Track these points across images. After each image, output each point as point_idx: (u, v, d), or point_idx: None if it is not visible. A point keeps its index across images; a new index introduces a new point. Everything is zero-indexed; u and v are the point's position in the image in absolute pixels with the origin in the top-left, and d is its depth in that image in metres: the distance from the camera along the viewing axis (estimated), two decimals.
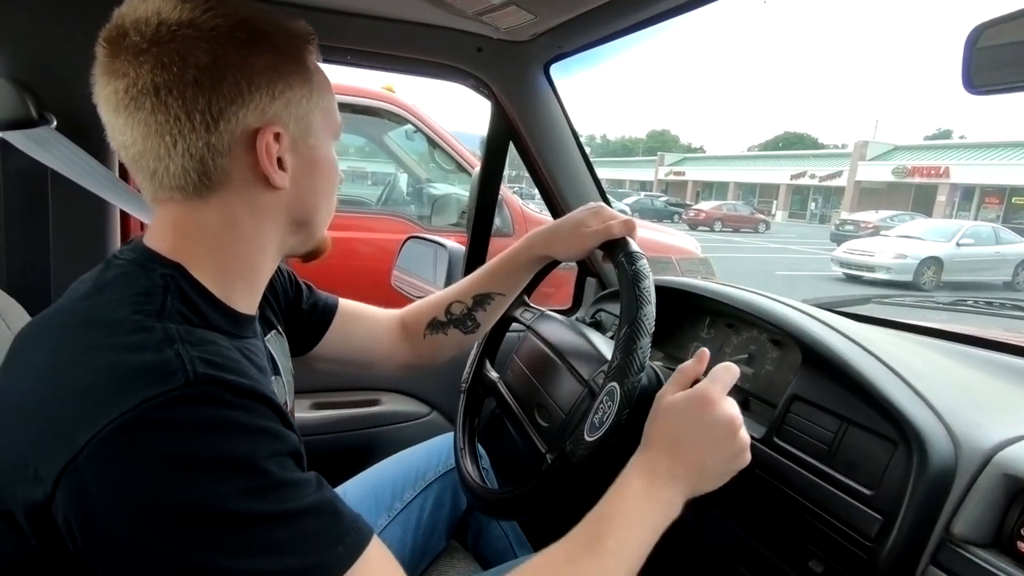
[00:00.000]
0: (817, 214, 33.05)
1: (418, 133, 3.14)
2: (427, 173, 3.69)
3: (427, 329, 0.90)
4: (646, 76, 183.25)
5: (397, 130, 3.42)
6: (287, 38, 0.54)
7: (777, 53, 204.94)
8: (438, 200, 3.26)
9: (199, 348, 0.45)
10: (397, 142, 3.60)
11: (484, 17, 0.93)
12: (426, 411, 1.30)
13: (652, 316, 0.70)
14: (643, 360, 0.67)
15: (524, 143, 1.19)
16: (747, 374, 0.98)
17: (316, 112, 0.56)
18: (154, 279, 0.50)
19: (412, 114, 3.01)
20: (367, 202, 3.97)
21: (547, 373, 0.89)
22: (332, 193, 0.61)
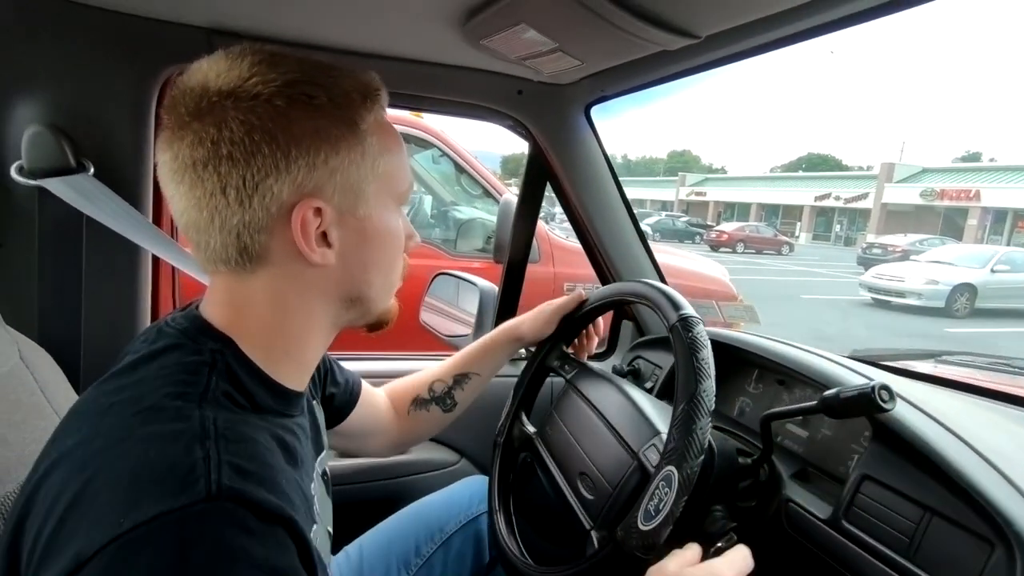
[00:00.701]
0: (842, 236, 32.53)
1: (444, 157, 3.14)
2: (451, 196, 3.69)
3: (411, 406, 0.92)
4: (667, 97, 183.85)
5: (422, 153, 3.43)
6: (335, 100, 0.49)
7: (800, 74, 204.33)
8: (464, 224, 3.24)
9: (234, 447, 0.42)
10: (422, 164, 3.61)
11: (527, 62, 0.90)
12: (455, 459, 1.25)
13: (712, 392, 0.65)
14: (703, 442, 0.62)
15: (562, 185, 1.15)
16: (801, 438, 0.92)
17: (369, 179, 0.51)
18: (203, 355, 0.48)
19: (440, 140, 3.01)
20: None
21: (591, 437, 0.84)
22: (392, 264, 0.57)
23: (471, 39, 0.85)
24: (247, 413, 0.47)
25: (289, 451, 0.49)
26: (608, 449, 0.79)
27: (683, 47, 0.75)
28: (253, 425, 0.46)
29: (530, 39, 0.81)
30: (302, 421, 0.57)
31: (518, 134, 1.14)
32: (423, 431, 0.94)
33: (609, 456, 0.78)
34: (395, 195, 0.55)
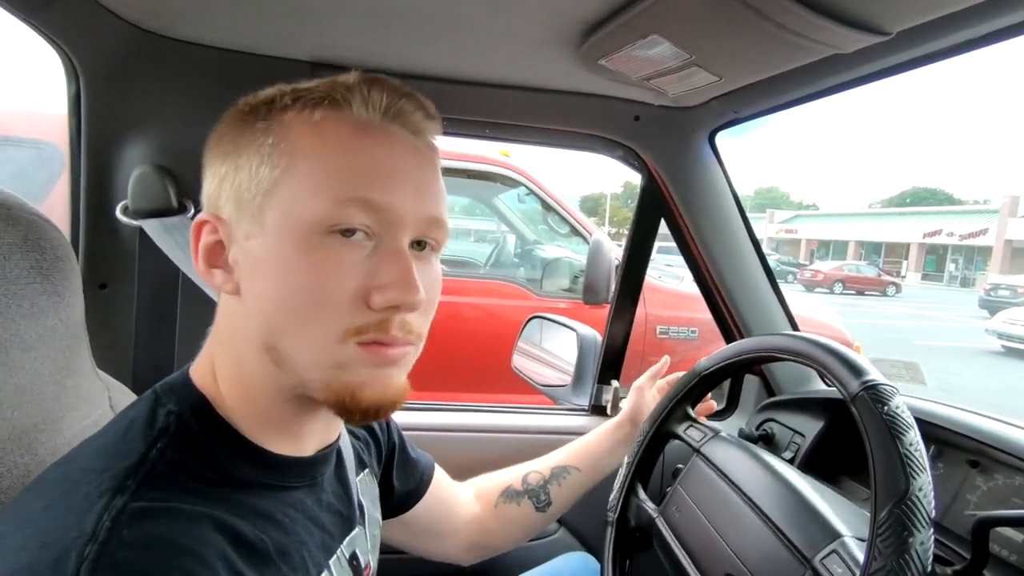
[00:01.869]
0: (957, 276, 29.57)
1: (530, 195, 3.10)
2: (536, 235, 3.63)
3: (500, 497, 0.81)
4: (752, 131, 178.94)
5: (508, 192, 3.41)
6: (261, 100, 0.44)
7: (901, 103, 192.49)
8: (550, 264, 3.15)
9: (127, 556, 0.33)
10: (508, 204, 3.60)
11: (652, 82, 0.79)
12: (554, 528, 1.11)
13: (931, 490, 0.48)
14: (926, 564, 0.46)
15: (679, 221, 1.02)
16: (1015, 543, 0.70)
17: (262, 188, 0.41)
18: (158, 418, 0.41)
19: (528, 178, 2.98)
20: (474, 263, 3.97)
21: (737, 528, 0.68)
22: (307, 316, 0.41)
23: (588, 60, 0.76)
24: (200, 492, 0.39)
25: (253, 548, 0.39)
26: (765, 548, 0.63)
27: (855, 52, 0.62)
28: (193, 517, 0.37)
29: (659, 54, 0.70)
30: (303, 499, 0.47)
31: (630, 166, 1.03)
32: (511, 532, 0.81)
33: (767, 558, 0.62)
34: (314, 210, 0.40)
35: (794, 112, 6.00)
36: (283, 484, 0.45)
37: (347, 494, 0.54)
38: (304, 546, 0.45)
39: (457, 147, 2.95)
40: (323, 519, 0.49)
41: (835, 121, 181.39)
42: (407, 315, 0.42)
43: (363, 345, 0.41)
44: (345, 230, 0.41)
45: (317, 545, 0.47)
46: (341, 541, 0.51)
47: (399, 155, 0.43)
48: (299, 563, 0.44)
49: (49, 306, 0.55)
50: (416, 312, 0.43)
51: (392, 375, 0.43)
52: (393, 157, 0.43)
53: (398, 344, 0.43)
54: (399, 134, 0.44)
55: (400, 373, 0.44)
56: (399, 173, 0.43)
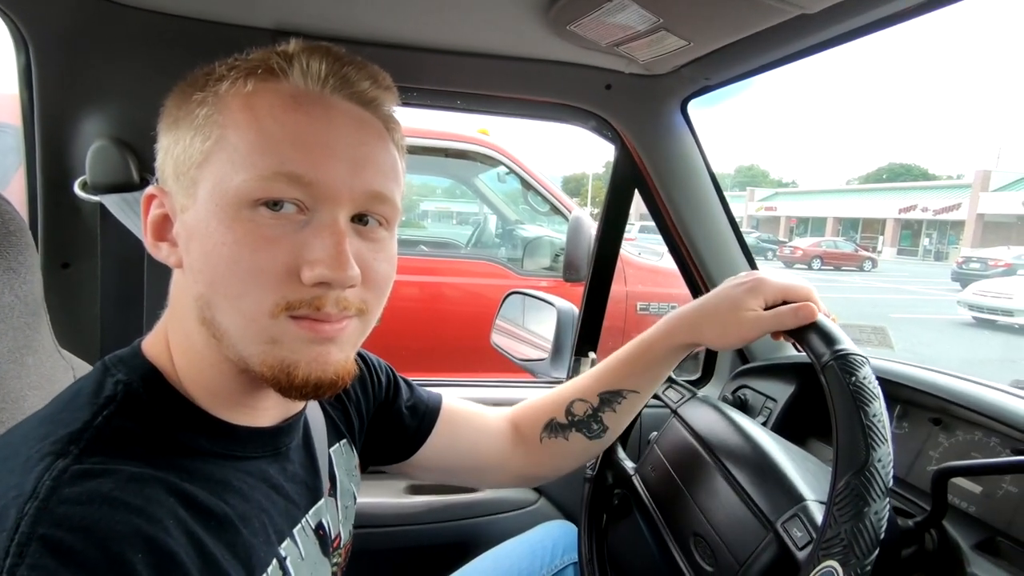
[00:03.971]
0: (931, 251, 30.20)
1: (510, 175, 3.09)
2: (517, 215, 3.62)
3: (544, 432, 0.74)
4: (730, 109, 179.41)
5: (488, 172, 3.39)
6: (204, 73, 0.44)
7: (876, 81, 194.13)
8: (530, 243, 3.15)
9: (69, 503, 0.33)
10: (488, 184, 3.58)
11: (621, 48, 0.78)
12: (534, 499, 1.13)
13: (890, 461, 0.49)
14: (879, 531, 0.47)
15: (653, 191, 1.02)
16: (973, 494, 0.73)
17: (196, 155, 0.41)
18: (105, 387, 0.41)
19: (507, 157, 2.96)
20: (455, 244, 3.95)
21: (704, 485, 0.69)
22: (234, 288, 0.40)
23: (557, 25, 0.75)
24: (143, 460, 0.38)
25: (210, 512, 0.39)
26: (731, 509, 0.64)
27: (821, 13, 0.62)
28: (139, 479, 0.37)
29: (628, 18, 0.69)
30: (266, 468, 0.47)
31: (603, 137, 1.02)
32: (562, 464, 0.76)
33: (733, 520, 0.63)
34: (233, 190, 0.40)
35: (773, 89, 5.96)
36: (241, 454, 0.45)
37: (313, 464, 0.54)
38: (265, 513, 0.45)
39: (435, 126, 2.92)
40: (287, 489, 0.49)
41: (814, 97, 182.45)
42: (344, 291, 0.42)
43: (296, 319, 0.41)
44: (273, 202, 0.40)
45: (280, 513, 0.47)
46: (307, 511, 0.51)
47: (336, 127, 0.42)
48: (259, 529, 0.43)
49: (4, 283, 0.54)
50: (356, 288, 0.43)
51: (330, 352, 0.42)
52: (329, 129, 0.42)
53: (333, 320, 0.42)
54: (340, 105, 0.43)
55: (340, 350, 0.43)
56: (333, 146, 0.41)
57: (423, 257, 3.21)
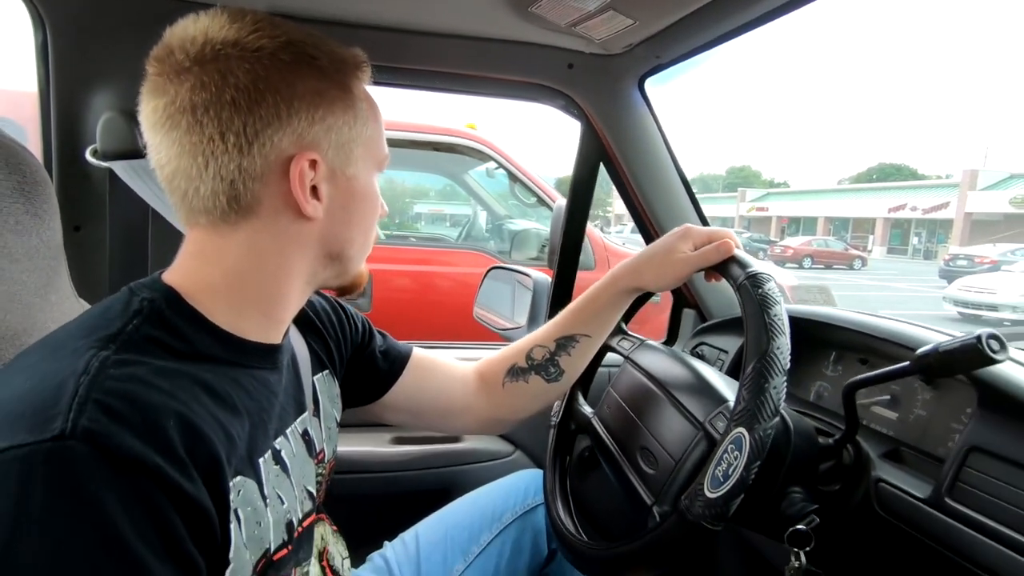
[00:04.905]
0: (921, 249, 30.53)
1: (499, 170, 3.18)
2: (506, 210, 3.72)
3: (506, 377, 0.83)
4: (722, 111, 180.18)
5: (478, 169, 3.49)
6: (334, 63, 0.52)
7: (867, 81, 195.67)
8: (518, 234, 3.25)
9: (112, 385, 0.40)
10: (478, 180, 3.68)
11: (577, 28, 0.88)
12: (509, 450, 1.21)
13: (788, 350, 0.59)
14: (777, 403, 0.56)
15: (617, 164, 1.12)
16: (891, 420, 0.83)
17: (359, 141, 0.54)
18: (133, 303, 0.48)
19: (493, 150, 3.04)
20: (447, 239, 4.05)
21: (651, 410, 0.79)
22: (370, 226, 0.59)
23: (519, 7, 0.84)
24: (172, 357, 0.46)
25: (220, 396, 0.48)
26: (671, 421, 0.74)
27: None
28: (164, 369, 0.44)
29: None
30: (267, 376, 0.55)
31: (571, 114, 1.11)
32: (522, 405, 0.84)
33: (672, 428, 0.72)
34: (377, 161, 0.57)
35: (765, 88, 6.06)
36: (247, 364, 0.53)
37: (299, 384, 0.63)
38: (265, 412, 0.53)
39: (424, 120, 3.01)
40: (281, 397, 0.57)
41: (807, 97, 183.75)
42: None
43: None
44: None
45: (276, 415, 0.55)
46: (295, 418, 0.60)
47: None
48: (260, 423, 0.52)
49: (32, 226, 0.62)
50: None
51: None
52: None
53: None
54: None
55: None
56: None
57: (416, 247, 3.31)
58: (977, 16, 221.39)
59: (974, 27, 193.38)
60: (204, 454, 0.43)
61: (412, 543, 0.92)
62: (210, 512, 0.42)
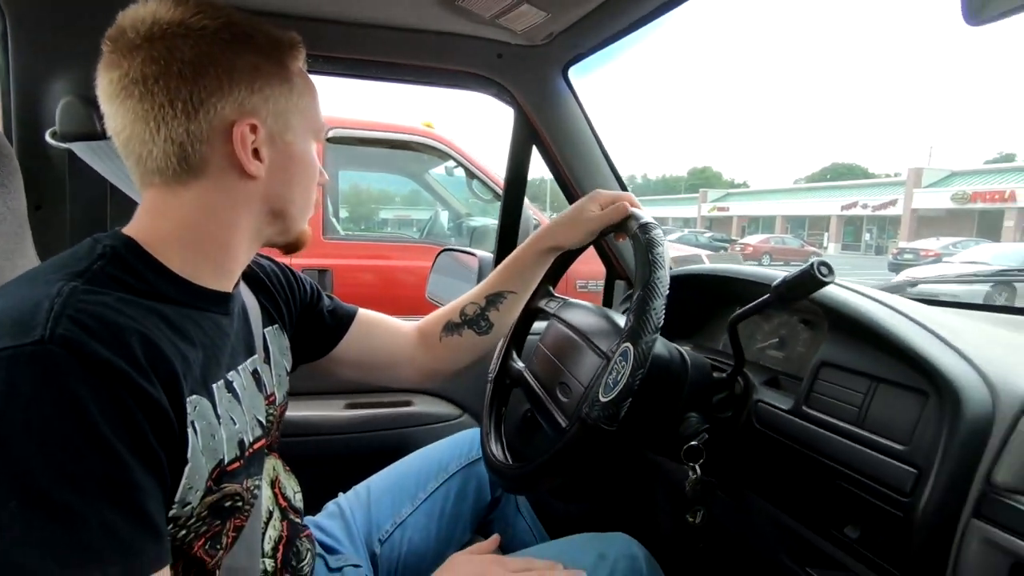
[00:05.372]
0: (872, 245, 31.81)
1: (458, 168, 3.27)
2: (467, 208, 3.81)
3: (443, 332, 0.93)
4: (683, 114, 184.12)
5: (438, 169, 3.57)
6: (270, 42, 0.60)
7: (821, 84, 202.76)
8: (477, 230, 3.35)
9: (82, 305, 0.47)
10: (438, 179, 3.76)
11: (501, 20, 0.98)
12: (457, 413, 1.31)
13: (666, 280, 0.70)
14: (657, 322, 0.67)
15: (547, 146, 1.23)
16: (778, 358, 0.96)
17: (295, 111, 0.61)
18: (96, 248, 0.54)
19: (450, 147, 3.13)
20: (411, 239, 4.12)
21: (570, 353, 0.89)
22: (309, 187, 0.66)
23: (447, 1, 0.94)
24: (134, 294, 0.52)
25: (177, 328, 0.54)
26: (584, 358, 0.84)
27: None
28: (126, 300, 0.51)
29: None
30: (219, 319, 0.62)
31: (504, 101, 1.22)
32: (458, 356, 0.94)
33: (585, 364, 0.83)
34: (313, 129, 0.64)
35: (723, 89, 6.26)
36: (201, 306, 0.60)
37: (249, 331, 0.70)
38: (217, 347, 0.60)
39: (382, 118, 3.09)
40: (233, 339, 0.65)
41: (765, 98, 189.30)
42: None
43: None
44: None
45: (227, 352, 0.63)
46: (246, 359, 0.67)
47: None
48: (212, 356, 0.59)
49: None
50: None
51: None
52: None
53: None
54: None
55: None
56: None
57: (378, 243, 3.38)
58: (921, 21, 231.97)
59: (919, 30, 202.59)
60: (164, 368, 0.50)
61: (364, 492, 1.01)
62: (170, 415, 0.49)
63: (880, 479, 0.61)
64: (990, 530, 0.53)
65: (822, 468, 0.69)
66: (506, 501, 1.07)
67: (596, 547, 0.81)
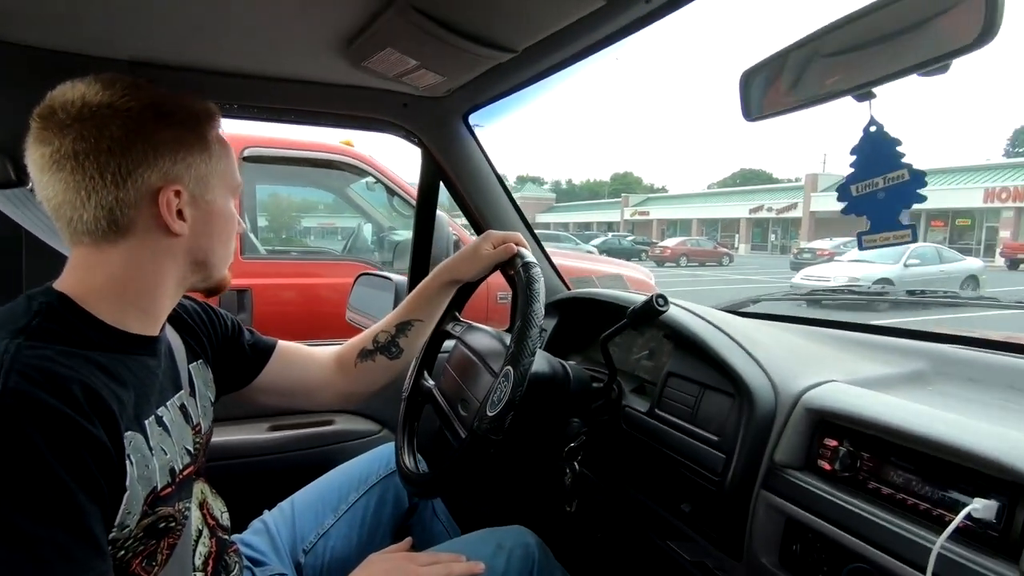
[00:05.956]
0: (778, 245, 34.22)
1: (378, 184, 3.32)
2: (389, 221, 3.85)
3: (358, 358, 1.01)
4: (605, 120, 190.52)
5: (359, 183, 3.60)
6: (190, 116, 0.68)
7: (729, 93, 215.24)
8: (399, 245, 3.40)
9: (28, 359, 0.54)
10: (360, 193, 3.78)
11: (404, 79, 1.10)
12: (376, 429, 1.41)
13: (540, 312, 0.85)
14: (533, 347, 0.81)
15: (452, 184, 1.36)
16: (648, 367, 1.14)
17: (214, 174, 0.70)
18: (32, 306, 0.61)
19: (370, 164, 3.19)
20: (331, 251, 4.11)
21: (470, 374, 1.03)
22: (229, 239, 0.74)
23: (355, 61, 1.05)
24: (68, 345, 0.59)
25: (111, 373, 0.61)
26: (480, 376, 0.98)
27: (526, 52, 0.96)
28: (64, 351, 0.58)
29: (399, 60, 1.02)
30: (147, 360, 0.69)
31: (412, 142, 1.34)
32: (372, 380, 1.02)
33: (480, 381, 0.97)
34: (231, 188, 0.73)
35: (642, 96, 6.57)
36: (131, 351, 0.68)
37: (175, 369, 0.77)
38: (146, 387, 0.68)
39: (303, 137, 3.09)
40: (161, 378, 0.72)
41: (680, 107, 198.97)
42: None
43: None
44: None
45: (156, 391, 0.70)
46: (173, 396, 0.75)
47: None
48: (143, 395, 0.67)
49: None
50: None
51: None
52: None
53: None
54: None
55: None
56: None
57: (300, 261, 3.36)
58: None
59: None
60: (102, 411, 0.56)
61: (288, 508, 1.09)
62: (110, 450, 0.57)
63: (702, 464, 0.79)
64: (772, 497, 0.71)
65: (668, 459, 0.86)
66: (423, 507, 1.17)
67: (495, 539, 0.95)
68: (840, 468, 0.67)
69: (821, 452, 0.70)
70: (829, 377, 0.77)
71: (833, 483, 0.67)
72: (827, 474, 0.68)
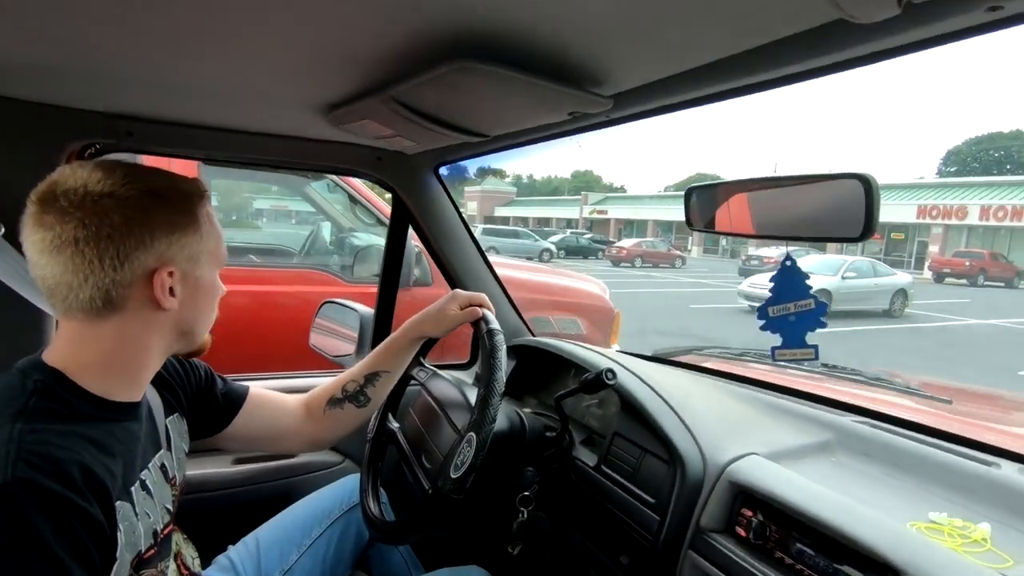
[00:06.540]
0: (728, 249, 35.43)
1: (339, 187, 3.29)
2: (350, 222, 3.81)
3: (327, 406, 1.06)
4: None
5: (319, 182, 3.55)
6: (182, 197, 0.72)
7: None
8: (360, 252, 3.36)
9: (31, 444, 0.59)
10: (320, 192, 3.73)
11: (379, 141, 1.17)
12: (339, 460, 1.47)
13: (502, 381, 0.93)
14: (494, 415, 0.90)
15: (421, 229, 1.43)
16: (597, 415, 1.24)
17: (204, 251, 0.74)
18: (27, 384, 0.64)
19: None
20: (289, 251, 4.03)
21: (432, 424, 1.11)
22: (212, 308, 0.79)
23: (335, 125, 1.10)
24: (63, 421, 0.63)
25: (102, 446, 0.66)
26: (442, 429, 1.06)
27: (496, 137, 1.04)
28: (61, 431, 0.62)
29: (376, 128, 1.08)
30: (131, 426, 0.73)
31: (383, 187, 1.40)
32: (340, 427, 1.07)
33: (443, 434, 1.05)
34: (218, 261, 0.77)
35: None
36: (118, 419, 0.72)
37: (155, 428, 0.82)
38: (132, 453, 0.73)
39: None
40: (143, 441, 0.77)
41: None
42: None
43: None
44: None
45: (140, 454, 0.75)
46: (154, 456, 0.80)
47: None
48: (129, 462, 0.72)
49: None
50: None
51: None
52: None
53: None
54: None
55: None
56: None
57: (255, 268, 3.28)
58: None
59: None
60: (97, 487, 0.61)
61: (253, 544, 1.13)
62: (103, 525, 0.63)
63: (640, 522, 0.89)
64: (697, 559, 0.82)
65: (610, 513, 0.97)
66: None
67: None
68: (753, 536, 0.78)
69: (739, 520, 0.82)
70: (751, 449, 0.89)
71: (747, 549, 0.78)
72: (743, 540, 0.80)
